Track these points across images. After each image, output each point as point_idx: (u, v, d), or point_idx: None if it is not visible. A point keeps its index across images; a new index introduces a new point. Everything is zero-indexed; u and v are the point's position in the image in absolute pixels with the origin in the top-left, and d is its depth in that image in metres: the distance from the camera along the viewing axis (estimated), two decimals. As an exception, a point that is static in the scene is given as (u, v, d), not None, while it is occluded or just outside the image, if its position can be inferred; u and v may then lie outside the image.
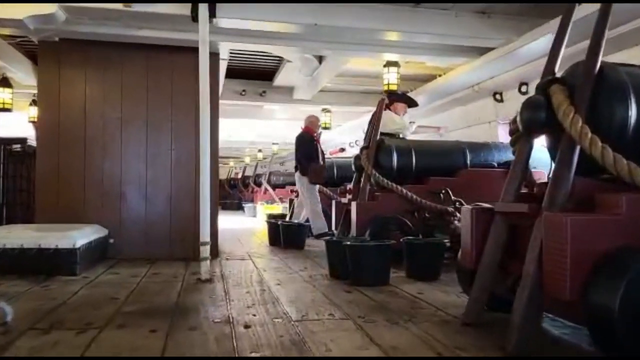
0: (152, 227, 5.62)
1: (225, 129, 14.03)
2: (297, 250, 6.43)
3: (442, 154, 5.88)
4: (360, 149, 5.92)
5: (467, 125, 7.56)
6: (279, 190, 15.54)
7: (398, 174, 5.65)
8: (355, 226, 5.41)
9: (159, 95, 5.70)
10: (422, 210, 5.50)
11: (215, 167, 5.79)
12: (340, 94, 8.88)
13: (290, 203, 9.35)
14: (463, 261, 3.08)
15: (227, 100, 8.54)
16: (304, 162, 7.57)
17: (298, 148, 7.82)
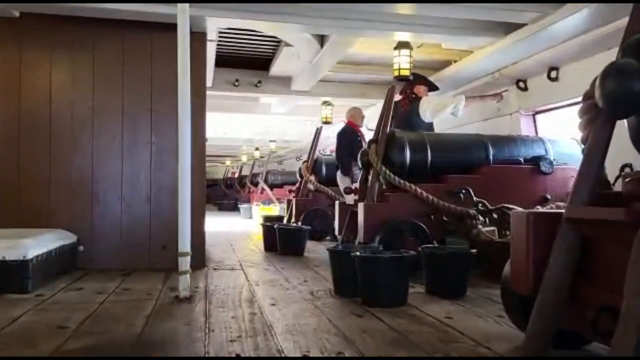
0: (128, 232, 4.88)
1: (220, 126, 13.34)
2: (295, 257, 5.70)
3: (461, 149, 5.14)
4: (368, 143, 5.18)
5: (484, 118, 6.82)
6: (276, 190, 14.83)
7: (411, 172, 4.92)
8: (363, 231, 4.68)
9: (136, 80, 4.96)
10: (439, 213, 4.77)
11: (201, 165, 5.07)
12: (343, 85, 8.12)
13: (288, 204, 8.62)
14: (515, 284, 2.34)
15: (219, 92, 7.80)
16: (345, 161, 6.83)
17: (339, 145, 7.06)
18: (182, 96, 3.76)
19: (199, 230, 4.97)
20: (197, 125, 4.95)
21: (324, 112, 8.78)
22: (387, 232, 4.51)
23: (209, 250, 6.18)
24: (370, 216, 4.69)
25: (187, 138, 3.77)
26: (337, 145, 7.14)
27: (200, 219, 4.98)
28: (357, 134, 6.99)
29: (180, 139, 3.75)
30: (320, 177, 8.28)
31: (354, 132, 6.88)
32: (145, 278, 4.34)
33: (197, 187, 4.96)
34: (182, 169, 3.71)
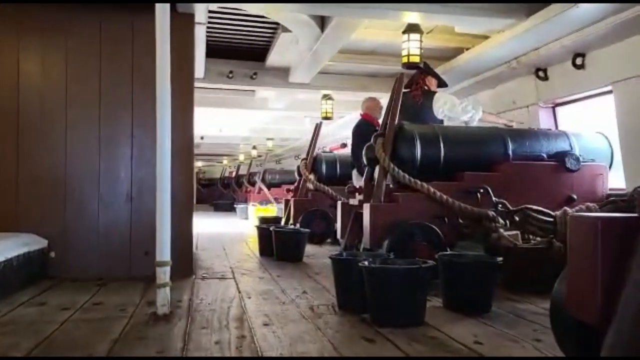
0: (106, 236, 4.36)
1: (216, 123, 12.83)
2: (293, 263, 5.18)
3: (477, 143, 4.62)
4: (374, 137, 4.66)
5: (497, 111, 6.30)
6: (274, 189, 14.30)
7: (422, 168, 4.40)
8: (369, 235, 4.16)
9: (116, 67, 4.44)
10: (454, 214, 4.26)
11: (188, 163, 4.55)
12: (344, 77, 7.62)
13: (285, 205, 8.10)
14: (574, 308, 1.82)
15: (211, 85, 7.30)
16: (360, 157, 6.18)
17: (355, 140, 6.47)
18: (160, 85, 3.26)
19: (186, 235, 4.47)
20: (183, 120, 4.47)
21: (324, 107, 8.28)
22: (397, 237, 3.99)
23: (199, 255, 5.68)
24: (377, 218, 4.17)
25: (166, 133, 3.27)
26: (352, 140, 6.58)
27: (187, 221, 4.48)
28: (375, 127, 6.45)
29: (158, 134, 3.25)
30: (320, 176, 7.78)
31: (370, 126, 6.14)
32: (123, 289, 3.82)
33: (184, 186, 4.49)
34: (160, 167, 3.21)
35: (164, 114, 3.22)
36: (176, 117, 4.47)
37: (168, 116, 3.26)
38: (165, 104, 3.23)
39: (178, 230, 4.42)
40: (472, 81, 6.30)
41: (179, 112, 4.47)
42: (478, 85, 6.36)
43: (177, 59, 4.46)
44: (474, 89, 6.41)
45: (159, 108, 3.21)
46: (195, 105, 8.98)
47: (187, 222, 4.48)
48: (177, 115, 4.48)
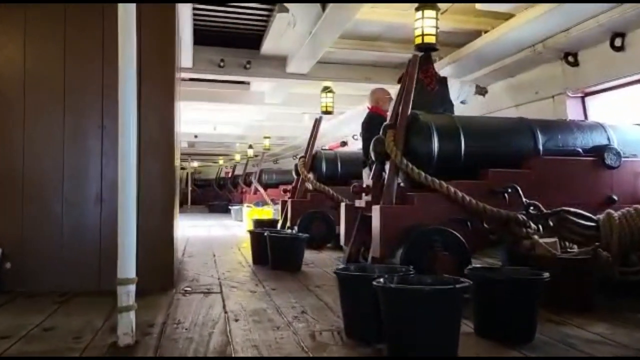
0: (71, 243, 3.73)
1: (209, 120, 12.21)
2: (290, 273, 4.56)
3: (503, 136, 4.02)
4: (383, 128, 4.05)
5: (516, 103, 5.70)
6: (271, 190, 13.67)
7: (440, 165, 3.81)
8: (379, 243, 3.54)
9: (83, 46, 3.82)
10: (478, 218, 3.65)
11: (169, 161, 3.93)
12: (345, 67, 7.00)
13: (282, 206, 7.48)
14: None
15: (201, 74, 6.68)
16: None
17: (366, 136, 5.79)
18: (123, 71, 2.64)
19: (166, 242, 3.87)
20: (162, 111, 3.87)
21: (324, 101, 7.66)
22: (412, 245, 3.38)
23: (185, 264, 5.06)
24: (388, 223, 3.56)
25: (130, 123, 2.66)
26: (362, 136, 5.96)
27: (168, 226, 3.87)
28: (385, 119, 5.84)
29: (120, 129, 2.63)
30: (320, 175, 7.17)
31: (380, 119, 5.53)
32: (87, 307, 3.21)
33: (164, 186, 3.88)
34: (123, 168, 2.60)
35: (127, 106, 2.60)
36: (153, 108, 3.89)
37: (131, 109, 2.64)
38: (129, 95, 2.61)
39: (156, 237, 3.83)
40: (488, 70, 5.69)
41: (157, 102, 3.87)
42: (494, 75, 5.75)
43: (155, 43, 3.88)
44: (488, 80, 5.80)
45: (121, 100, 2.59)
46: (186, 100, 8.42)
47: (168, 227, 3.87)
48: (155, 106, 3.88)
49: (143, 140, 3.76)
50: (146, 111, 3.77)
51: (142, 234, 3.75)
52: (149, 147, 3.80)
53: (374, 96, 5.98)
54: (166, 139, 3.91)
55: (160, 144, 3.86)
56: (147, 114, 3.78)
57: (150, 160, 3.82)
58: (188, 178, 22.76)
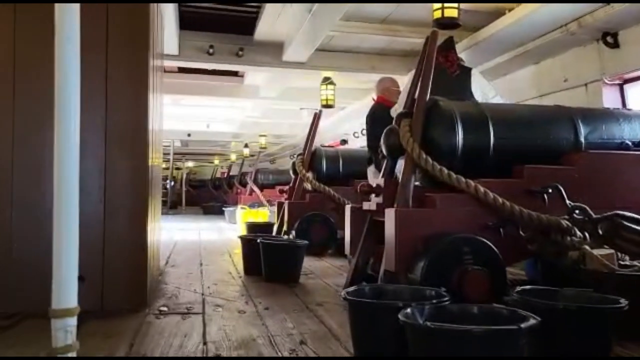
0: (21, 256, 3.08)
1: (202, 116, 11.58)
2: (287, 286, 3.93)
3: (539, 126, 3.40)
4: (398, 117, 3.43)
5: (540, 93, 5.08)
6: (267, 190, 13.04)
7: (466, 160, 3.20)
8: (394, 255, 2.91)
9: (36, 23, 3.17)
10: (513, 224, 3.03)
11: (141, 161, 3.28)
12: (347, 56, 6.38)
13: (279, 208, 6.85)
14: None
15: (188, 62, 6.05)
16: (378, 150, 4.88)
17: (370, 130, 5.25)
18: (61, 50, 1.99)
19: (137, 252, 3.22)
20: (130, 100, 3.25)
21: (324, 94, 7.02)
22: (437, 258, 2.76)
23: (167, 275, 4.43)
24: (406, 230, 2.93)
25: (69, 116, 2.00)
26: (367, 131, 5.35)
27: (139, 233, 3.23)
28: None
29: (57, 118, 1.98)
30: (320, 175, 6.54)
31: (388, 112, 4.76)
32: (36, 334, 2.56)
33: (134, 186, 3.25)
34: (60, 167, 1.93)
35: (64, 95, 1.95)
36: (122, 97, 3.26)
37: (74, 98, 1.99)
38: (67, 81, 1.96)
39: (124, 246, 3.20)
40: (509, 56, 5.07)
41: (126, 91, 3.23)
42: (516, 61, 5.13)
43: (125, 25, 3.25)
44: (508, 67, 5.18)
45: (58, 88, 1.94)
46: (174, 93, 7.81)
47: (139, 233, 3.23)
48: (124, 95, 3.25)
49: (109, 133, 3.16)
50: (114, 100, 3.17)
51: (108, 243, 3.16)
52: (116, 141, 3.18)
53: (381, 86, 5.38)
54: (138, 133, 3.28)
55: (131, 139, 3.24)
56: (115, 103, 3.18)
57: (118, 157, 3.20)
58: (182, 178, 22.18)
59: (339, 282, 4.08)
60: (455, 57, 4.24)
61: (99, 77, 3.17)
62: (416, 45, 5.87)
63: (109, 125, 3.17)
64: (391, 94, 5.31)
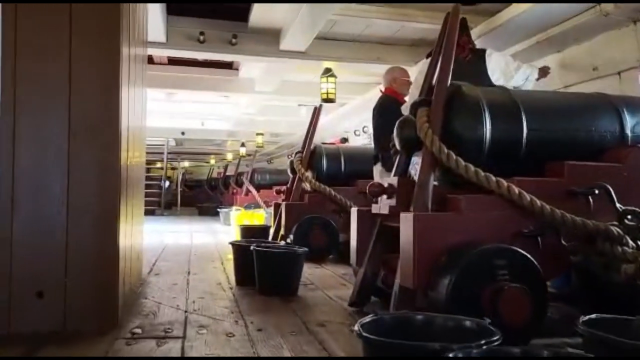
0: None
1: (195, 112, 11.08)
2: (284, 301, 3.44)
3: (579, 116, 2.91)
4: (413, 105, 2.94)
5: (565, 84, 4.59)
6: (264, 191, 12.54)
7: (494, 155, 2.72)
8: (413, 267, 2.42)
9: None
10: (553, 231, 2.54)
11: (106, 151, 2.77)
12: (351, 45, 5.89)
13: (275, 210, 6.37)
14: None
15: (177, 51, 5.55)
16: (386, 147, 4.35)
17: (377, 124, 4.81)
18: None
19: (106, 262, 2.73)
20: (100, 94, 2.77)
21: (324, 87, 6.53)
22: (465, 273, 2.27)
23: (148, 285, 3.94)
24: (426, 238, 2.44)
25: None
26: (374, 125, 4.88)
27: (109, 240, 2.74)
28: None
29: None
30: (320, 174, 6.06)
31: (397, 105, 4.36)
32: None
33: (106, 187, 2.77)
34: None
35: None
36: (86, 83, 2.77)
37: None
38: None
39: (90, 256, 2.70)
40: (529, 43, 4.60)
41: (90, 75, 2.75)
42: (537, 48, 4.65)
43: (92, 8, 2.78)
44: (528, 55, 4.69)
45: None
46: (164, 87, 7.32)
47: (108, 240, 2.73)
48: (87, 80, 2.76)
49: (74, 123, 2.68)
50: (80, 87, 2.69)
51: (71, 252, 2.67)
52: (82, 133, 2.70)
53: (390, 76, 4.91)
54: (110, 126, 2.78)
55: (100, 131, 2.75)
56: (82, 90, 2.69)
57: (85, 151, 2.71)
58: (178, 179, 21.72)
59: (343, 294, 3.59)
60: (467, 40, 3.78)
61: (61, 59, 2.68)
62: (426, 33, 5.41)
63: (74, 113, 2.68)
64: (400, 85, 4.84)
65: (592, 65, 4.27)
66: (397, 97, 4.77)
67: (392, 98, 4.77)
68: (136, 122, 3.60)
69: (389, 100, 4.77)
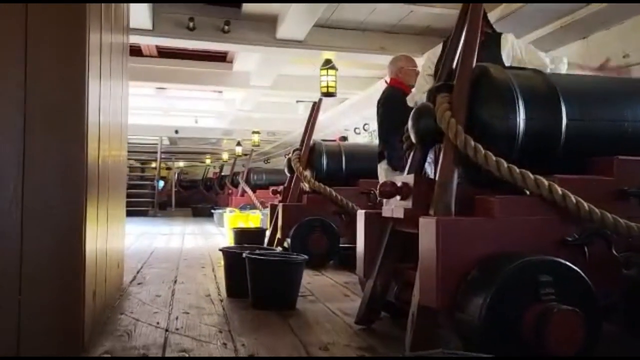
0: None
1: (189, 108, 10.65)
2: (280, 315, 3.02)
3: (627, 104, 2.49)
4: (430, 92, 2.52)
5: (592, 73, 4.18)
6: (260, 192, 12.12)
7: (527, 148, 2.31)
8: (437, 283, 2.00)
9: None
10: (604, 240, 2.12)
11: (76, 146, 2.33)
12: (353, 34, 5.47)
13: (272, 211, 5.95)
14: None
15: (165, 39, 5.14)
16: (395, 144, 3.98)
17: (383, 118, 4.39)
18: None
19: (71, 273, 2.30)
20: (64, 76, 2.33)
21: (324, 80, 6.11)
22: (502, 290, 1.85)
23: (128, 296, 3.51)
24: (453, 248, 2.02)
25: None
26: (378, 119, 4.46)
27: (74, 247, 2.30)
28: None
29: None
30: (319, 173, 5.65)
31: (403, 97, 4.01)
32: None
33: (71, 186, 2.35)
34: None
35: None
36: (39, 68, 2.34)
37: None
38: None
39: (51, 266, 2.29)
40: (552, 28, 4.18)
41: (47, 60, 2.31)
42: (558, 35, 4.23)
43: None
44: (551, 42, 4.29)
45: None
46: (154, 80, 6.89)
47: (72, 248, 2.30)
48: (42, 65, 2.34)
49: (30, 107, 2.26)
50: (38, 68, 2.26)
51: (27, 261, 2.24)
52: (40, 119, 2.26)
53: (395, 65, 4.50)
54: (75, 113, 2.34)
55: (64, 118, 2.31)
56: (40, 71, 2.26)
57: (44, 141, 2.27)
58: (173, 179, 21.34)
59: (347, 308, 3.18)
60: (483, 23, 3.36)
61: (16, 36, 2.25)
62: (435, 20, 5.02)
63: (30, 95, 2.24)
64: (407, 75, 4.43)
65: (622, 51, 3.85)
66: (404, 89, 4.36)
67: (399, 90, 4.37)
68: (113, 115, 3.19)
69: (395, 92, 4.37)
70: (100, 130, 2.70)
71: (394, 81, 4.46)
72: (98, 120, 2.65)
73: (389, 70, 4.56)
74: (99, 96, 2.69)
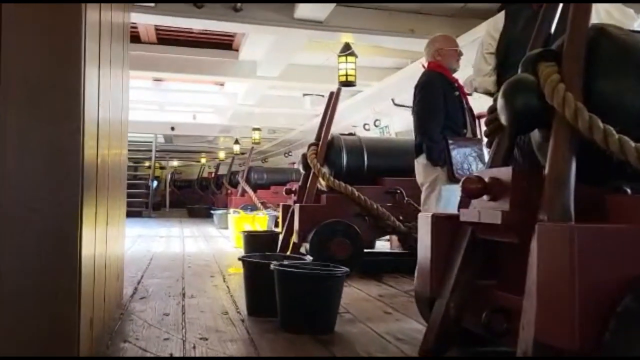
0: None
1: (188, 104, 10.08)
2: (317, 342, 2.46)
3: None
4: (526, 61, 1.95)
5: None
6: (261, 191, 11.55)
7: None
8: (573, 316, 1.43)
9: None
10: None
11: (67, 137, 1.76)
12: (378, 14, 4.90)
13: (284, 213, 5.39)
14: None
15: (170, 17, 4.54)
16: (434, 136, 3.68)
17: (421, 106, 3.85)
18: None
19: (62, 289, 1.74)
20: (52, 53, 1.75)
21: (343, 67, 5.54)
22: None
23: (130, 315, 2.92)
24: (594, 269, 1.45)
25: None
26: (415, 108, 3.91)
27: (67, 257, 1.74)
28: (452, 83, 3.83)
29: None
30: (338, 170, 5.07)
31: (445, 82, 3.67)
32: None
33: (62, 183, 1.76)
34: None
35: None
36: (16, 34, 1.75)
37: None
38: None
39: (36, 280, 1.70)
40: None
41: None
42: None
43: None
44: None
45: None
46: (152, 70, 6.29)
47: (64, 258, 1.73)
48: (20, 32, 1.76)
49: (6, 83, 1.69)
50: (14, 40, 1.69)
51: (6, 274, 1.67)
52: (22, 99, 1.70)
53: (434, 46, 3.96)
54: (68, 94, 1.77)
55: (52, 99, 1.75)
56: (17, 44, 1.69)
57: (28, 124, 1.71)
58: (167, 178, 20.80)
59: (396, 330, 2.65)
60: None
61: None
62: (473, 2, 4.46)
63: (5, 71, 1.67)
64: (446, 57, 3.90)
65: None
66: (444, 73, 3.85)
67: (438, 74, 3.85)
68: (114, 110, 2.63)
69: (434, 77, 3.84)
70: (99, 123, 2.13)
71: (433, 64, 3.91)
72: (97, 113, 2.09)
73: (426, 53, 4.02)
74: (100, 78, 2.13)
